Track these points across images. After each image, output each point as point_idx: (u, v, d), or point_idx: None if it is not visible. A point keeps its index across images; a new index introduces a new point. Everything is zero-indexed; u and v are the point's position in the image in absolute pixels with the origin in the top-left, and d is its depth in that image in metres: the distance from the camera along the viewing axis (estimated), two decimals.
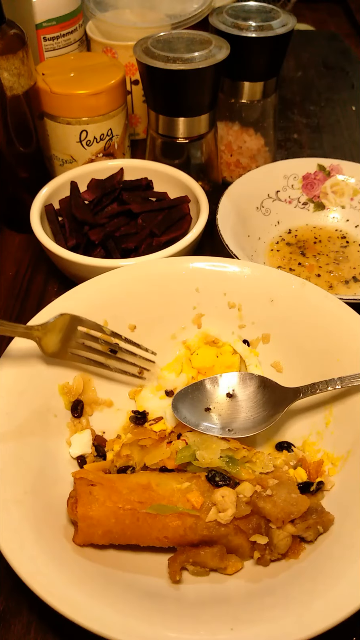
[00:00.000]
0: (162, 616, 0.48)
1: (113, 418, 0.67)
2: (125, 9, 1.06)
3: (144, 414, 0.66)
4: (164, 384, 0.68)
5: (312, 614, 0.46)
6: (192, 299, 0.71)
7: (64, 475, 0.58)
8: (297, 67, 1.40)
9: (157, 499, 0.54)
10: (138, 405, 0.67)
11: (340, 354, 0.63)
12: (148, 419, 0.65)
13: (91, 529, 0.53)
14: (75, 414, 0.64)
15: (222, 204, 0.85)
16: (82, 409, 0.65)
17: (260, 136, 0.99)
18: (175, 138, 0.88)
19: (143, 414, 0.66)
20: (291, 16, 0.89)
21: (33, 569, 0.48)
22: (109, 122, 0.90)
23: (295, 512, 0.53)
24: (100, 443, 0.64)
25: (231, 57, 0.81)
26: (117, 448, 0.61)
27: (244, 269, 0.70)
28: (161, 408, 0.66)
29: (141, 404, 0.67)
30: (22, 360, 0.62)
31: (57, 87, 0.86)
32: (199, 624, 0.48)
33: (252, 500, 0.54)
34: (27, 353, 0.62)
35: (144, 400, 0.67)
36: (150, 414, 0.66)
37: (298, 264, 0.88)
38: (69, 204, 0.86)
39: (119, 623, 0.46)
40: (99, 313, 0.68)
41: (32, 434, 0.59)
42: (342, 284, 0.85)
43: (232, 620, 0.48)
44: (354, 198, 0.94)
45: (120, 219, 0.84)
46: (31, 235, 0.81)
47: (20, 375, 0.61)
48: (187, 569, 0.55)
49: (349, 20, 1.72)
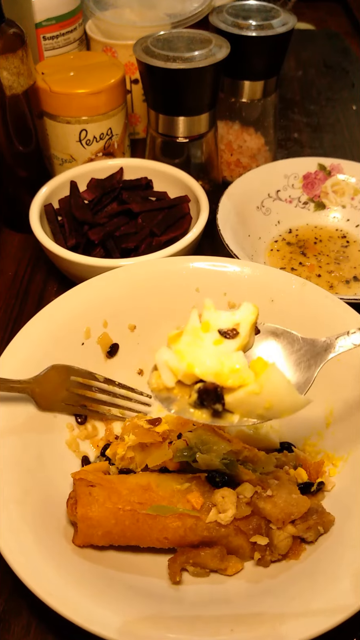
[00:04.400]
0: (162, 617, 0.48)
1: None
2: (125, 8, 1.06)
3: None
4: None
5: (313, 614, 0.46)
6: (192, 298, 0.71)
7: (63, 476, 0.58)
8: (297, 66, 1.40)
9: (157, 499, 0.54)
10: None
11: (340, 354, 0.63)
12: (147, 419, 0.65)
13: (91, 529, 0.53)
14: (79, 420, 0.64)
15: (222, 203, 0.85)
16: (86, 415, 0.65)
17: (261, 135, 0.99)
18: (175, 137, 0.87)
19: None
20: (291, 15, 0.89)
21: (33, 570, 0.48)
22: (108, 121, 0.90)
23: (296, 513, 0.53)
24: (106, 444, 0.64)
25: (231, 56, 0.80)
26: (121, 451, 0.61)
27: (244, 268, 0.70)
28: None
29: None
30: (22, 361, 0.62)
31: (57, 86, 0.86)
32: (199, 625, 0.48)
33: (252, 500, 0.54)
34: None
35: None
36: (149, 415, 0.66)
37: (299, 264, 0.88)
38: (68, 203, 0.85)
39: (118, 624, 0.46)
40: (98, 313, 0.68)
41: (32, 435, 0.59)
42: (342, 284, 0.85)
43: (233, 621, 0.48)
44: (355, 197, 0.94)
45: (120, 218, 0.84)
46: (30, 235, 0.81)
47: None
48: (187, 569, 0.54)
49: (349, 19, 1.72)
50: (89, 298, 0.67)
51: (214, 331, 0.47)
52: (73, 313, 0.66)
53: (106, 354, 0.68)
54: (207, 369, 0.45)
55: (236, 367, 0.45)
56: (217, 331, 0.47)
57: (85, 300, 0.67)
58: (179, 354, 0.46)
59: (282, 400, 0.46)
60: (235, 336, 0.47)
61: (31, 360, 0.62)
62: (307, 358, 0.53)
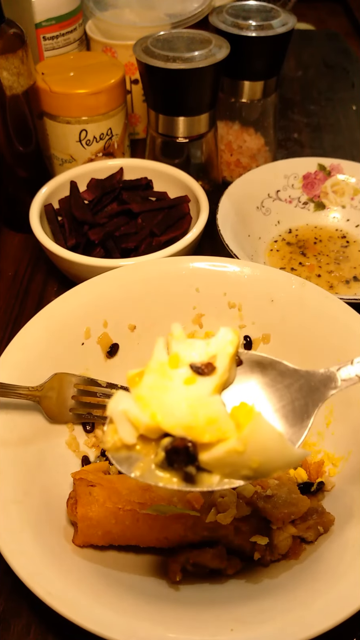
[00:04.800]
0: (162, 617, 0.48)
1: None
2: (125, 8, 1.06)
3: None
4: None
5: (313, 614, 0.46)
6: (192, 299, 0.71)
7: (63, 476, 0.58)
8: (297, 67, 1.40)
9: (157, 499, 0.54)
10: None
11: (341, 354, 0.63)
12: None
13: (91, 529, 0.53)
14: (87, 428, 0.64)
15: (222, 203, 0.85)
16: (94, 422, 0.64)
17: (261, 136, 0.99)
18: (175, 137, 0.87)
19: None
20: (291, 15, 0.89)
21: (33, 570, 0.48)
22: (108, 121, 0.90)
23: (296, 513, 0.53)
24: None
25: (231, 56, 0.80)
26: None
27: (244, 268, 0.70)
28: None
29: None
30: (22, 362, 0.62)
31: (57, 86, 0.86)
32: (198, 625, 0.48)
33: (252, 500, 0.54)
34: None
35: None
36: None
37: (298, 264, 0.88)
38: (68, 203, 0.85)
39: (118, 624, 0.46)
40: (98, 313, 0.68)
41: (32, 435, 0.59)
42: (342, 284, 0.85)
43: (232, 621, 0.47)
44: (355, 198, 0.94)
45: (120, 218, 0.84)
46: (30, 235, 0.81)
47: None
48: (187, 569, 0.54)
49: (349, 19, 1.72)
50: (89, 298, 0.67)
51: (184, 366, 0.38)
52: (73, 313, 0.66)
53: (106, 354, 0.68)
54: (177, 421, 0.37)
55: (213, 417, 0.37)
56: (189, 366, 0.38)
57: (85, 300, 0.67)
58: (141, 401, 0.38)
59: (272, 458, 0.37)
60: (212, 372, 0.38)
61: (31, 360, 0.62)
62: (302, 395, 0.43)
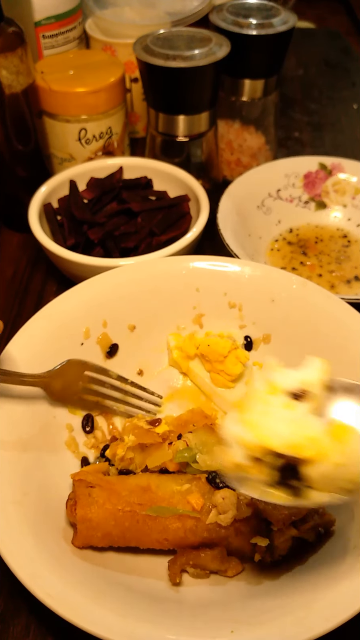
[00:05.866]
0: (162, 619, 0.48)
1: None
2: (125, 6, 1.06)
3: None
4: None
5: (313, 616, 0.46)
6: (193, 298, 0.70)
7: (63, 477, 0.58)
8: (298, 65, 1.40)
9: (157, 500, 0.54)
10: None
11: (342, 354, 0.63)
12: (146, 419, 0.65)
13: (90, 531, 0.53)
14: (87, 429, 0.64)
15: (222, 202, 0.85)
16: (93, 422, 0.64)
17: (261, 134, 0.99)
18: (175, 136, 0.87)
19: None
20: (292, 14, 0.89)
21: (32, 571, 0.48)
22: (108, 120, 0.90)
23: (296, 514, 0.53)
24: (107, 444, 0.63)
25: (232, 54, 0.80)
26: (121, 452, 0.60)
27: (244, 268, 0.70)
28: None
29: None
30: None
31: (56, 85, 0.86)
32: (199, 627, 0.48)
33: (252, 501, 0.54)
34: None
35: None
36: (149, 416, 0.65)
37: (299, 263, 0.88)
38: (67, 202, 0.85)
39: (118, 625, 0.46)
40: (98, 313, 0.67)
41: (31, 435, 0.58)
42: (343, 284, 0.85)
43: (233, 622, 0.47)
44: (356, 197, 0.94)
45: (120, 218, 0.83)
46: (30, 235, 0.81)
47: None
48: (187, 571, 0.54)
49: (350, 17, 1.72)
50: (88, 298, 0.67)
51: (282, 393, 0.42)
52: (72, 313, 0.66)
53: (106, 354, 0.68)
54: (284, 442, 0.40)
55: (313, 436, 0.40)
56: (287, 393, 0.42)
57: (85, 300, 0.67)
58: (250, 426, 0.41)
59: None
60: (307, 397, 0.42)
61: (30, 360, 0.62)
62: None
